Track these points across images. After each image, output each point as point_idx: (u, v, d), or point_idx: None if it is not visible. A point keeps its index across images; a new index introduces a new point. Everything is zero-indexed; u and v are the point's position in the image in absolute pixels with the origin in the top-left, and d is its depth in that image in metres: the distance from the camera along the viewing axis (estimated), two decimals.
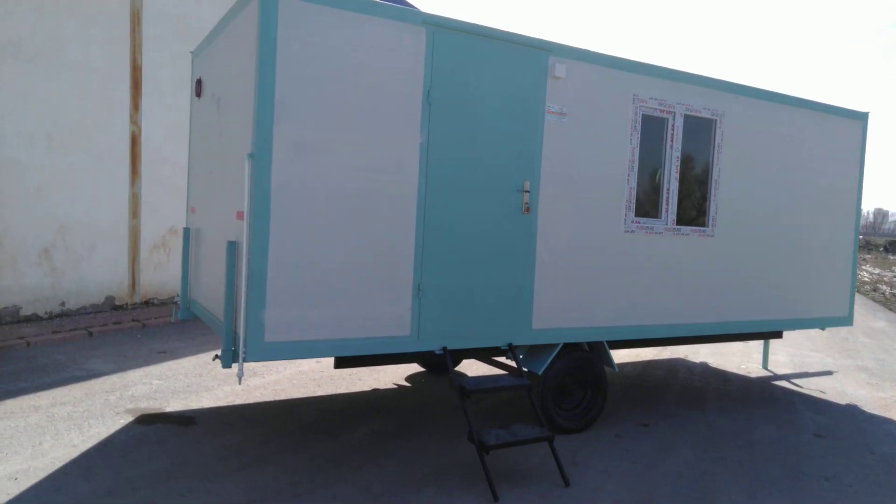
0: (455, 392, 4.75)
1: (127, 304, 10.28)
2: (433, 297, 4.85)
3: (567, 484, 4.61)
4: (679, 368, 8.50)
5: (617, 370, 5.92)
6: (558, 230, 5.39)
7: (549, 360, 5.45)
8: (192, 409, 5.92)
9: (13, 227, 8.73)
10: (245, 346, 4.26)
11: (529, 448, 5.23)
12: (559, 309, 5.45)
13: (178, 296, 10.71)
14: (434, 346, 4.91)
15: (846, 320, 7.52)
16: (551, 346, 5.51)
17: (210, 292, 5.30)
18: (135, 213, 10.30)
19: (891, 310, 16.28)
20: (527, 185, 5.18)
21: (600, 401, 5.82)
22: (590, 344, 5.83)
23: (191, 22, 10.96)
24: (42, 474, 4.43)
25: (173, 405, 6.01)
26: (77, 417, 5.56)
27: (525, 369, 5.41)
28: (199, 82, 5.91)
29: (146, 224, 10.50)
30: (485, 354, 5.44)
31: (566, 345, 5.60)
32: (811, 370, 8.88)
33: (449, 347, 4.96)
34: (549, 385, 5.50)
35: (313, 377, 7.16)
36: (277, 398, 6.39)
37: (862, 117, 7.35)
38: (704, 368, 8.59)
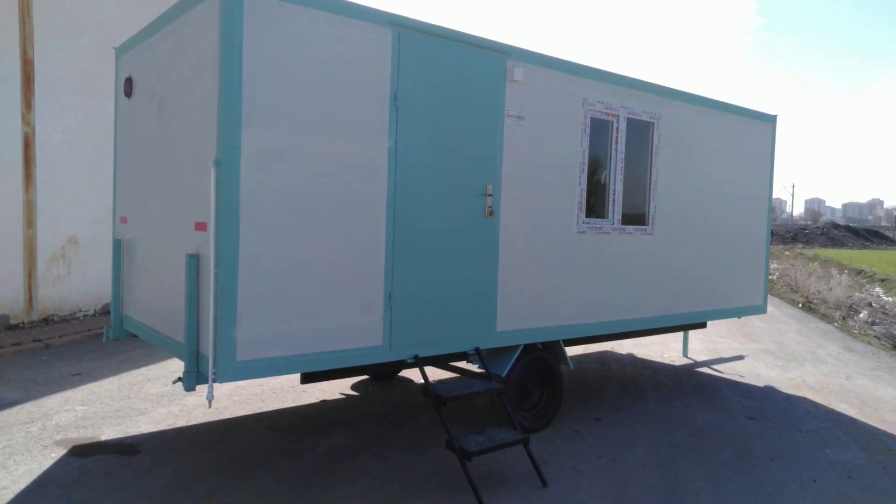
0: (430, 401, 4.66)
1: (24, 322, 9.33)
2: (404, 305, 4.75)
3: (545, 484, 4.66)
4: (610, 361, 8.84)
5: (572, 367, 6.06)
6: (518, 233, 5.43)
7: (512, 362, 5.49)
8: (131, 436, 5.45)
9: None
10: (215, 366, 3.96)
11: (500, 451, 5.24)
12: (520, 310, 5.50)
13: (80, 311, 9.88)
14: (406, 354, 4.80)
15: (761, 308, 8.12)
16: (512, 348, 5.56)
17: (156, 309, 4.89)
18: (30, 222, 9.37)
19: (774, 295, 17.76)
20: (489, 189, 5.19)
21: (557, 399, 5.94)
22: (545, 343, 5.92)
23: (88, 13, 10.11)
24: None
25: (108, 433, 5.52)
26: (0, 453, 4.97)
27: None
28: (128, 81, 5.44)
29: (43, 234, 9.58)
30: (443, 360, 5.38)
31: (525, 346, 5.66)
32: (725, 355, 9.52)
33: (420, 355, 4.87)
34: (512, 386, 5.53)
35: (254, 392, 6.82)
36: (221, 417, 6.03)
37: (771, 119, 7.95)
38: (633, 360, 8.99)
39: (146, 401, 6.43)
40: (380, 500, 4.38)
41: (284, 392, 6.85)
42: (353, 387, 7.15)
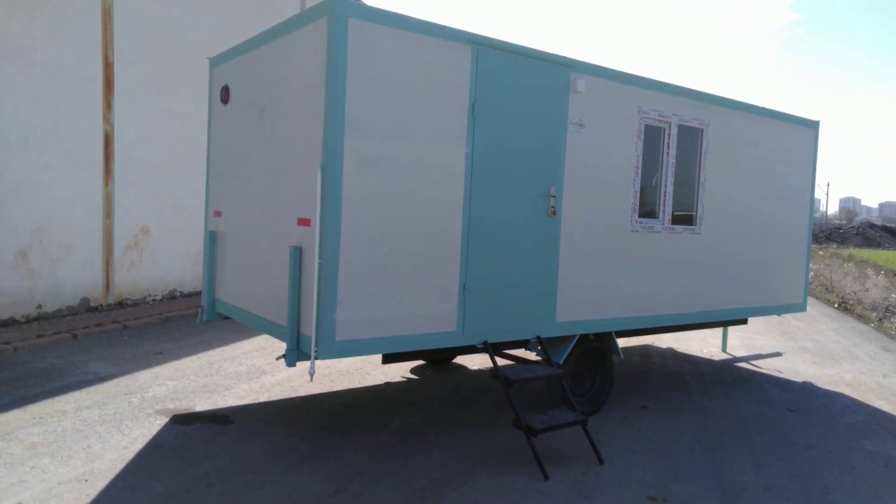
0: (500, 382, 5.17)
1: (101, 305, 10.06)
2: (476, 295, 5.25)
3: (601, 462, 5.13)
4: (651, 353, 9.25)
5: (622, 358, 6.50)
6: (577, 231, 5.89)
7: (568, 351, 5.96)
8: (222, 408, 6.05)
9: None
10: (317, 345, 4.51)
11: (558, 432, 5.72)
12: (577, 303, 5.96)
13: (149, 295, 10.59)
14: (476, 340, 5.31)
15: (801, 307, 8.45)
16: (569, 338, 6.02)
17: (254, 294, 5.46)
18: (108, 213, 10.09)
19: (809, 295, 17.89)
20: (553, 191, 5.65)
21: (608, 386, 6.39)
22: (597, 334, 6.37)
23: (160, 20, 10.78)
24: (109, 475, 4.53)
25: (200, 405, 6.13)
26: (110, 420, 5.60)
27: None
28: (225, 89, 6.02)
29: (119, 224, 10.30)
30: (506, 346, 5.87)
31: (580, 336, 6.12)
32: (763, 352, 9.85)
33: (489, 341, 5.37)
34: (568, 373, 6.00)
35: (323, 373, 7.39)
36: (298, 394, 6.60)
37: (814, 125, 8.26)
38: (673, 353, 9.38)
39: (227, 378, 7.04)
40: (454, 470, 4.89)
41: (350, 374, 7.41)
42: (413, 370, 7.68)
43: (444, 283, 5.07)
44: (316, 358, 4.53)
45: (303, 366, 7.49)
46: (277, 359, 4.90)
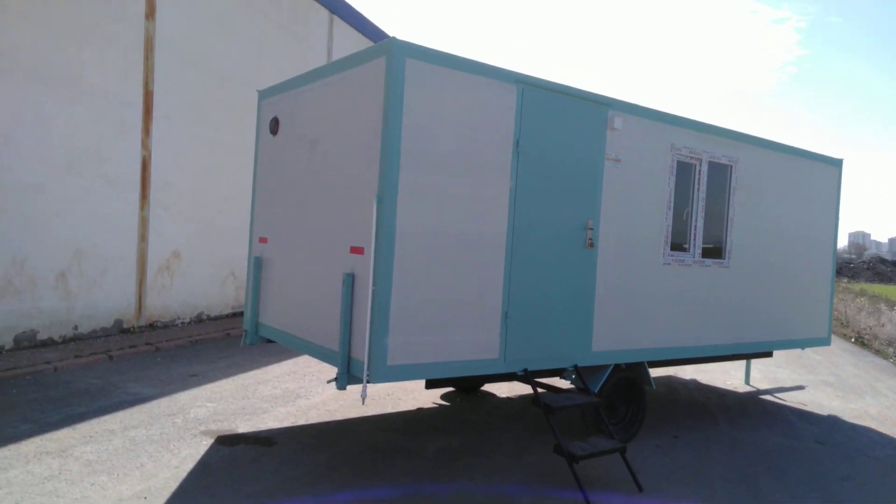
0: (541, 410, 5.31)
1: (133, 327, 10.27)
2: (517, 324, 5.42)
3: (640, 489, 5.24)
4: (676, 386, 9.34)
5: (654, 387, 6.62)
6: (612, 263, 6.07)
7: (604, 380, 6.10)
8: (264, 430, 6.20)
9: (34, 252, 8.68)
10: (369, 369, 4.68)
11: (595, 460, 5.83)
12: (612, 333, 6.12)
13: (178, 318, 10.79)
14: (517, 367, 5.46)
15: (825, 340, 8.56)
16: (604, 367, 6.16)
17: (304, 319, 5.65)
18: (143, 236, 10.35)
19: None
20: (590, 223, 5.85)
21: (641, 415, 6.51)
22: (629, 364, 6.51)
23: (197, 50, 11.17)
24: (165, 493, 4.68)
25: (242, 427, 6.28)
26: (158, 440, 5.75)
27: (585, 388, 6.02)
28: (275, 121, 6.28)
29: (152, 248, 10.55)
30: (543, 374, 6.01)
31: (614, 365, 6.26)
32: (784, 385, 9.92)
33: (529, 369, 5.53)
34: (602, 402, 6.13)
35: (354, 397, 7.53)
36: (335, 418, 6.74)
37: (838, 163, 8.46)
38: (697, 385, 9.47)
39: (264, 401, 7.20)
40: (497, 493, 5.01)
41: (382, 399, 7.55)
42: (443, 397, 7.82)
43: (488, 311, 5.25)
44: (368, 382, 4.70)
45: (335, 391, 7.64)
46: (329, 382, 5.07)
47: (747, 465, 6.09)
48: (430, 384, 5.44)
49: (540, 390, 6.27)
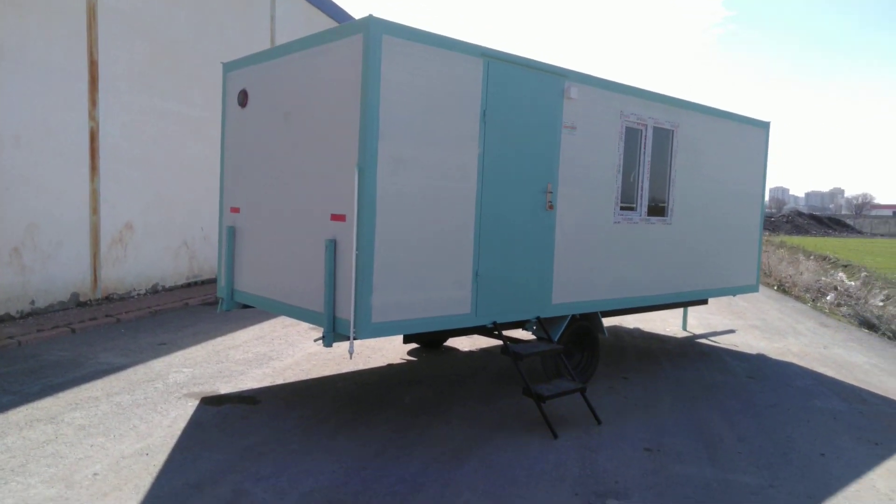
0: (511, 357, 5.82)
1: (90, 300, 10.22)
2: (486, 281, 5.87)
3: (599, 422, 5.86)
4: (622, 333, 10.10)
5: (607, 335, 7.25)
6: (569, 222, 6.58)
7: (562, 329, 6.66)
8: (246, 390, 6.50)
9: None
10: (356, 327, 5.05)
11: (555, 400, 6.42)
12: (570, 287, 6.66)
13: (134, 290, 10.81)
14: (487, 320, 5.94)
15: (754, 288, 9.43)
16: (562, 318, 6.72)
17: (284, 284, 5.92)
18: (94, 209, 10.24)
19: None
20: (549, 187, 6.32)
21: (595, 361, 7.14)
22: (584, 315, 7.09)
23: (141, 18, 10.93)
24: (165, 449, 4.96)
25: (223, 388, 6.55)
26: (144, 404, 5.98)
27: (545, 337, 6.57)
28: (243, 93, 6.42)
29: (105, 220, 10.45)
30: (505, 327, 6.51)
31: (571, 316, 6.82)
32: (717, 329, 10.85)
33: (497, 321, 6.01)
34: (563, 349, 6.70)
35: (326, 358, 7.88)
36: (311, 377, 7.09)
37: (765, 125, 9.22)
38: (641, 333, 10.26)
39: (238, 364, 7.46)
40: (474, 434, 5.52)
41: (354, 357, 7.93)
42: (410, 353, 8.26)
43: (461, 270, 5.67)
44: (354, 338, 5.07)
45: (305, 351, 7.99)
46: (315, 341, 5.39)
47: (690, 398, 6.82)
48: (407, 339, 5.87)
49: (499, 340, 6.78)
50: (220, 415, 5.79)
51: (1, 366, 7.04)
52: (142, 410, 5.81)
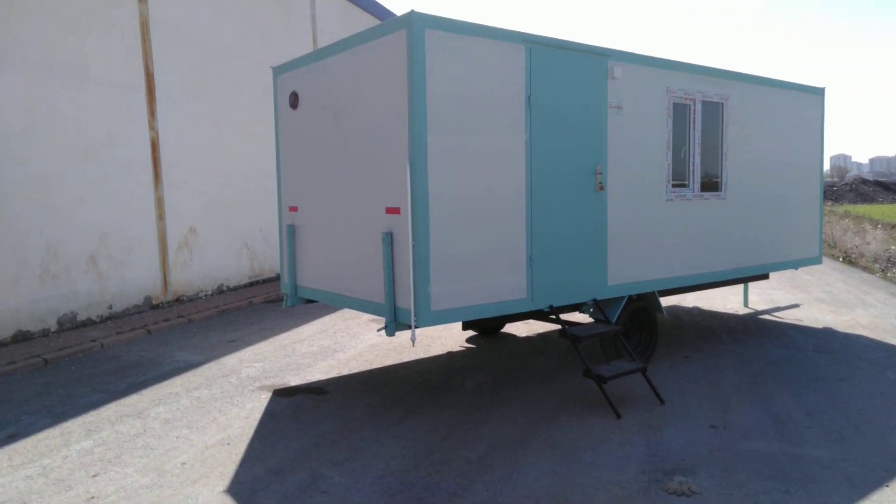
0: (569, 340, 5.89)
1: (162, 302, 10.74)
2: (540, 265, 5.95)
3: (662, 402, 5.87)
4: (680, 313, 9.99)
5: (666, 315, 7.22)
6: (621, 203, 6.58)
7: (620, 310, 6.68)
8: (314, 382, 6.77)
9: (64, 238, 9.07)
10: (416, 315, 5.21)
11: (617, 381, 6.46)
12: (625, 267, 6.67)
13: (201, 291, 11.27)
14: (543, 305, 6.02)
15: (817, 260, 9.19)
16: (619, 299, 6.74)
17: (345, 277, 6.13)
18: (160, 215, 10.73)
19: None
20: (599, 168, 6.33)
21: (654, 340, 7.13)
22: (641, 295, 7.08)
23: (190, 29, 11.35)
24: (245, 439, 5.25)
25: (293, 380, 6.83)
26: (221, 398, 6.30)
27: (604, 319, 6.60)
28: (294, 95, 6.65)
29: (170, 226, 10.94)
30: (563, 310, 6.57)
31: (628, 297, 6.83)
32: (781, 304, 10.61)
33: (554, 305, 6.08)
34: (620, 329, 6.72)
35: (387, 348, 8.09)
36: (374, 367, 7.32)
37: (820, 92, 8.93)
38: (700, 311, 10.13)
39: (304, 357, 7.75)
40: (537, 416, 5.62)
41: (412, 348, 8.13)
42: (468, 340, 8.40)
43: (514, 255, 5.77)
44: (416, 326, 5.24)
45: (367, 342, 8.23)
46: (378, 331, 5.61)
47: (754, 375, 6.74)
48: (466, 325, 5.98)
49: (556, 324, 6.84)
50: (292, 405, 6.06)
51: (88, 367, 7.51)
52: (220, 403, 6.14)
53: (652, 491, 4.28)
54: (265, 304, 11.43)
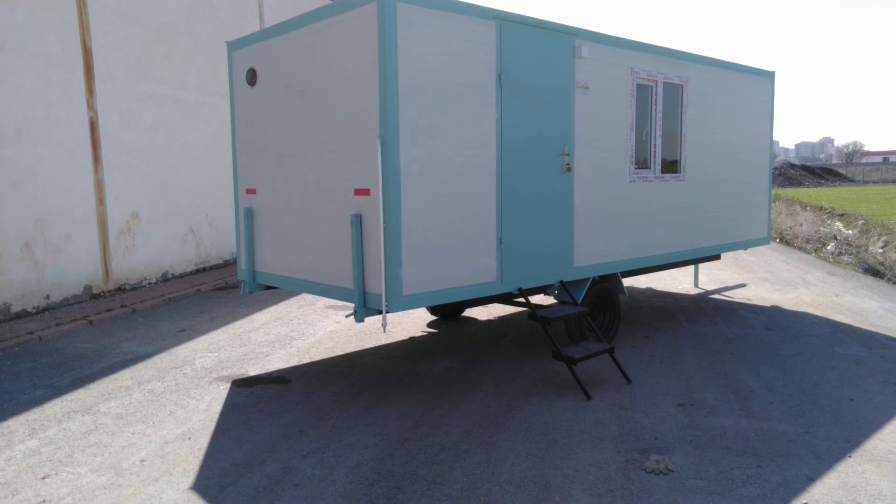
0: (539, 322, 5.85)
1: (103, 291, 10.20)
2: (510, 248, 5.88)
3: (629, 381, 5.92)
4: (635, 294, 10.15)
5: (626, 295, 7.28)
6: (587, 184, 6.57)
7: (584, 292, 6.69)
8: (274, 371, 6.53)
9: None
10: (388, 300, 5.06)
11: (584, 362, 6.46)
12: (590, 249, 6.68)
13: (145, 279, 10.78)
14: (512, 287, 5.95)
15: (766, 240, 9.47)
16: (583, 281, 6.75)
17: (309, 262, 5.91)
18: (100, 200, 10.16)
19: None
20: (566, 149, 6.29)
21: (617, 321, 7.19)
22: (604, 276, 7.12)
23: (133, 5, 10.72)
24: (206, 433, 5.00)
25: (252, 370, 6.58)
26: (176, 390, 6.01)
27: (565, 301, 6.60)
28: (251, 72, 6.33)
29: (111, 211, 10.37)
30: (530, 293, 6.54)
31: (592, 278, 6.85)
32: (728, 284, 10.92)
33: (522, 287, 6.03)
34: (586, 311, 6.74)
35: (348, 335, 7.91)
36: (336, 354, 7.13)
37: (770, 76, 9.16)
38: (654, 292, 10.32)
39: (261, 346, 7.49)
40: (508, 399, 5.58)
41: (376, 332, 7.96)
42: (430, 325, 8.30)
43: (485, 238, 5.67)
44: (387, 311, 5.08)
45: (325, 329, 8.02)
46: (347, 316, 5.41)
47: (713, 353, 6.89)
48: (433, 310, 5.85)
49: (519, 307, 6.81)
50: (253, 396, 5.82)
51: (26, 361, 7.04)
52: (175, 396, 5.84)
53: (630, 470, 4.29)
54: (214, 291, 11.01)
